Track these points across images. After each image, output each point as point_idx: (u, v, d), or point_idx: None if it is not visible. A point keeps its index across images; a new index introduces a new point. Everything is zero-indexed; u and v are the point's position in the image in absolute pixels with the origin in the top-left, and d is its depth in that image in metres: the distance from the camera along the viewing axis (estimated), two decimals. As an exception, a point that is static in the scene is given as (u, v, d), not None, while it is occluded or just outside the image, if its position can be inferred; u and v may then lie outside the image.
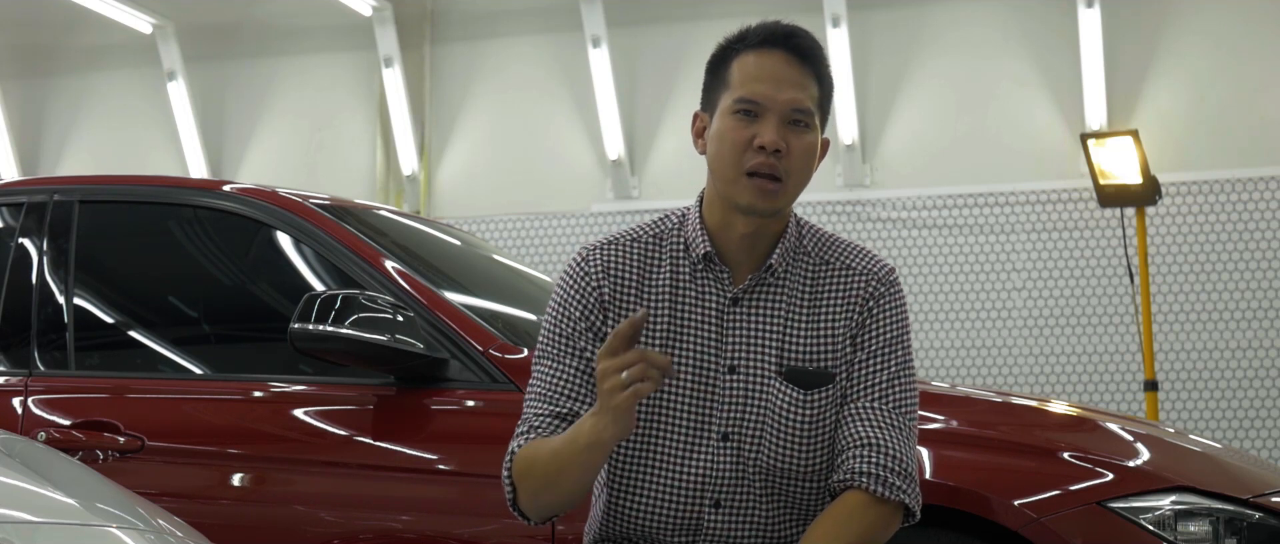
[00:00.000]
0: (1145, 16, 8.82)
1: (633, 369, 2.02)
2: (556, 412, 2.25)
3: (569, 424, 2.23)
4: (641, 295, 2.30)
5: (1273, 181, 8.57)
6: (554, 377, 2.28)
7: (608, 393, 2.04)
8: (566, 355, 2.28)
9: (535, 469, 2.19)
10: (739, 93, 2.24)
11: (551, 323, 2.32)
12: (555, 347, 2.30)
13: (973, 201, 8.97)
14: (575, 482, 2.17)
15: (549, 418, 2.25)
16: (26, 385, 3.37)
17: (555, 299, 2.33)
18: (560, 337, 2.30)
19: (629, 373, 2.02)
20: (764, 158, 2.21)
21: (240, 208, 3.49)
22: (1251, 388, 8.50)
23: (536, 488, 2.20)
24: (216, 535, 2.30)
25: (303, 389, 3.27)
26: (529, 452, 2.21)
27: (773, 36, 2.27)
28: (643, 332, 2.27)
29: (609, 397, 2.04)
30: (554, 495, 2.20)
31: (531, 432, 2.25)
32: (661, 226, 2.35)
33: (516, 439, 2.26)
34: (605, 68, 9.36)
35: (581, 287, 2.31)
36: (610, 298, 2.29)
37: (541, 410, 2.26)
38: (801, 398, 2.26)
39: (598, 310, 2.29)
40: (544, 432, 2.23)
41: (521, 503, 2.25)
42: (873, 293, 2.31)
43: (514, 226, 9.75)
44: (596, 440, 2.09)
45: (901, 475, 2.21)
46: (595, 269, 2.31)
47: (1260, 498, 2.87)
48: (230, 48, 10.47)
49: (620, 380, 2.02)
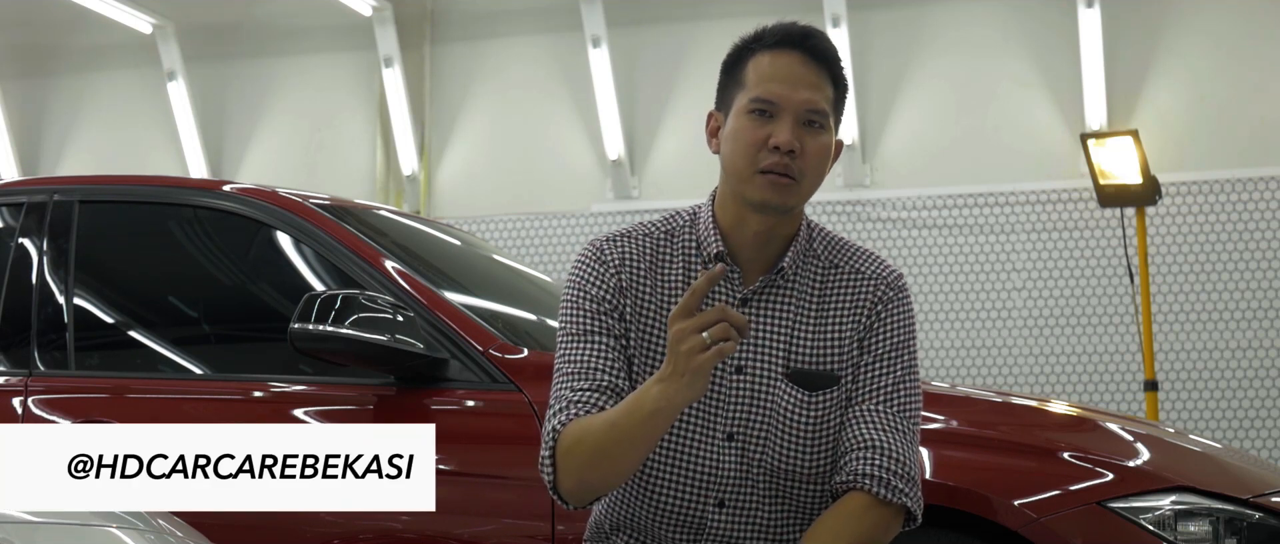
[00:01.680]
0: (1145, 16, 8.82)
1: (715, 328, 1.99)
2: (595, 384, 2.21)
3: (608, 396, 2.20)
4: (654, 288, 2.29)
5: (1273, 181, 8.57)
6: (586, 353, 2.24)
7: (686, 355, 2.00)
8: (597, 334, 2.25)
9: (585, 443, 2.14)
10: (754, 92, 2.24)
11: (574, 306, 2.29)
12: (583, 325, 2.27)
13: (973, 201, 8.97)
14: (633, 453, 2.12)
15: (589, 391, 2.21)
16: (26, 385, 3.37)
17: (574, 285, 2.31)
18: (587, 316, 2.27)
19: (711, 332, 1.99)
20: (778, 157, 2.21)
21: (240, 208, 3.49)
22: (1251, 388, 8.50)
23: (585, 463, 2.14)
24: (216, 535, 2.30)
25: (303, 389, 3.27)
26: (578, 427, 2.16)
27: (789, 37, 2.26)
28: (655, 326, 2.27)
29: (688, 358, 2.00)
30: (605, 470, 2.15)
31: (572, 407, 2.20)
32: (672, 224, 2.35)
33: (556, 417, 2.20)
34: (605, 68, 9.36)
35: (600, 271, 2.29)
36: (627, 285, 2.29)
37: (578, 386, 2.22)
38: (806, 399, 2.26)
39: (618, 294, 2.28)
40: (586, 407, 2.19)
41: (563, 484, 2.18)
42: (881, 297, 2.31)
43: (514, 226, 9.75)
44: (666, 406, 2.05)
45: (904, 478, 2.22)
46: (612, 257, 2.30)
47: (1260, 498, 2.87)
48: (230, 48, 10.47)
49: (702, 340, 1.99)
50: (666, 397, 2.04)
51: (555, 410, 2.22)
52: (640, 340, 2.27)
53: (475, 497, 3.01)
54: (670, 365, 2.03)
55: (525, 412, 3.01)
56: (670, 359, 2.03)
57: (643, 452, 2.12)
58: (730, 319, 2.00)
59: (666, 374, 2.04)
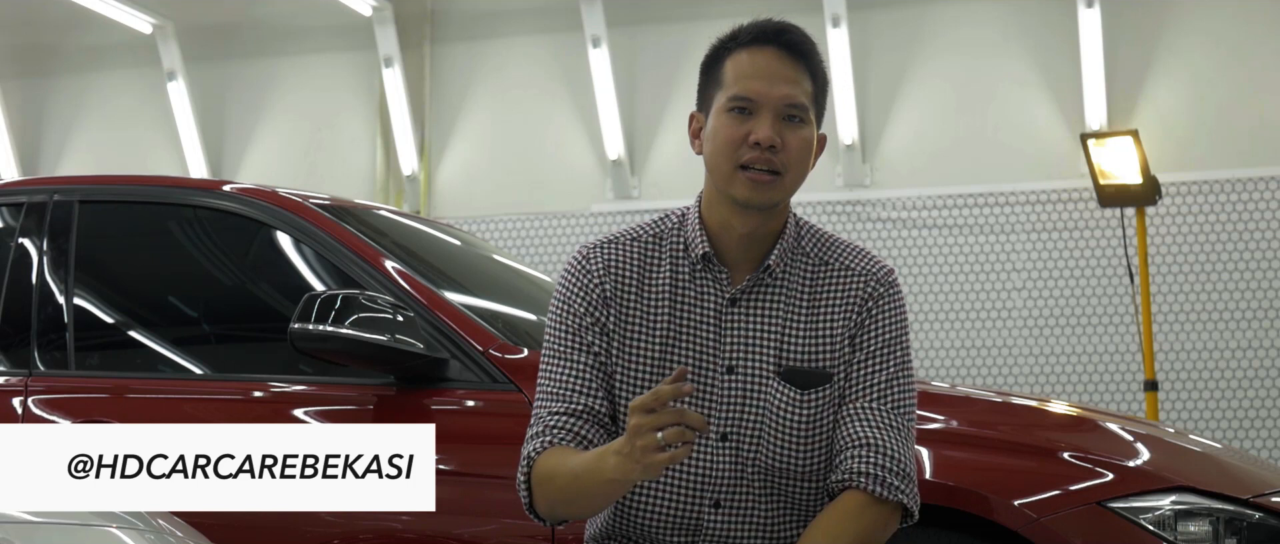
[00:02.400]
0: (1145, 16, 8.82)
1: (669, 431, 1.98)
2: (570, 409, 2.25)
3: (583, 421, 2.24)
4: (642, 294, 2.30)
5: (1273, 181, 8.57)
6: (564, 374, 2.28)
7: (640, 449, 2.00)
8: (575, 351, 2.28)
9: (555, 483, 2.19)
10: (733, 90, 2.24)
11: (557, 321, 2.32)
12: (562, 344, 2.30)
13: (973, 201, 8.97)
14: (594, 506, 2.21)
15: (563, 416, 2.25)
16: (26, 385, 3.37)
17: (558, 298, 2.33)
18: (567, 333, 2.30)
19: (666, 435, 1.98)
20: (759, 153, 2.21)
21: (240, 208, 3.49)
22: (1251, 388, 8.50)
23: (554, 500, 2.21)
24: (216, 535, 2.30)
25: (303, 389, 3.27)
26: (549, 465, 2.21)
27: (764, 34, 2.27)
28: (639, 331, 2.28)
29: (643, 453, 2.00)
30: (572, 510, 2.23)
31: (547, 433, 2.24)
32: (661, 227, 2.36)
33: (531, 443, 2.25)
34: (605, 68, 9.36)
35: (583, 283, 2.31)
36: (612, 294, 2.30)
37: (555, 408, 2.26)
38: (799, 398, 2.26)
39: (601, 306, 2.29)
40: (560, 433, 2.23)
41: (538, 507, 2.25)
42: (872, 293, 2.31)
43: (514, 226, 9.75)
44: (622, 479, 2.07)
45: (900, 476, 2.22)
46: (596, 266, 2.31)
47: (1260, 498, 2.87)
48: (230, 48, 10.47)
49: (655, 440, 1.99)
50: (622, 472, 2.05)
51: (531, 434, 2.27)
52: (624, 348, 2.29)
53: (475, 497, 3.01)
54: (627, 447, 2.02)
55: (525, 412, 2.98)
56: (628, 442, 2.02)
57: (604, 504, 2.21)
58: (687, 422, 1.99)
59: (624, 451, 2.03)
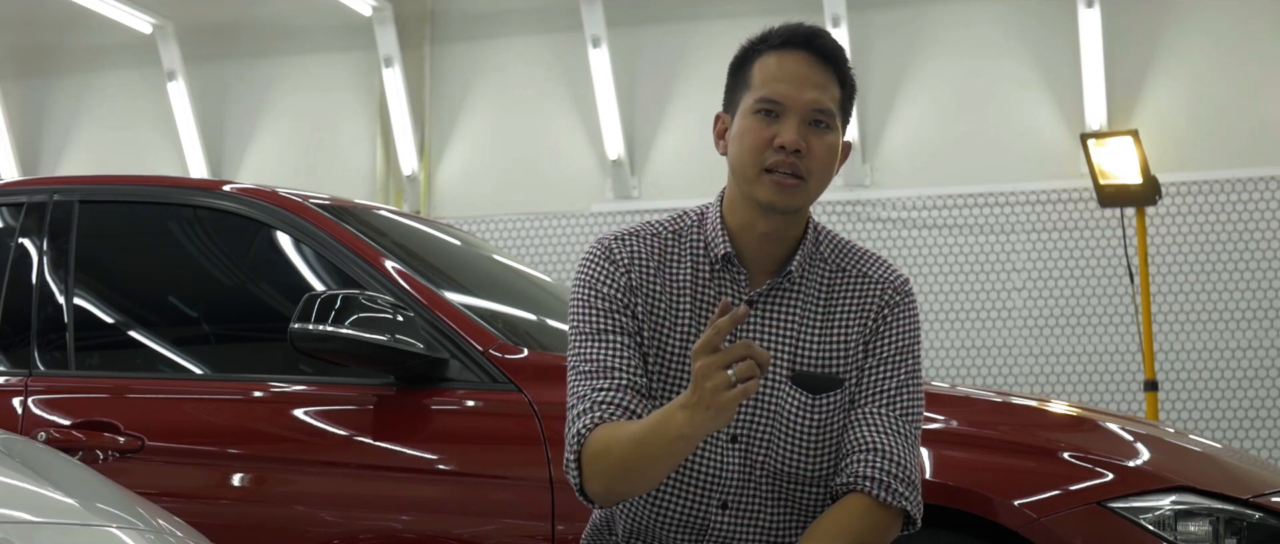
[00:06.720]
0: (1145, 16, 8.82)
1: (741, 365, 1.96)
2: (615, 383, 2.20)
3: (630, 395, 2.20)
4: (664, 289, 2.29)
5: (1273, 181, 8.57)
6: (602, 353, 2.23)
7: (711, 391, 1.97)
8: (610, 332, 2.24)
9: (612, 453, 2.13)
10: (760, 93, 2.23)
11: (586, 304, 2.27)
12: (596, 324, 2.25)
13: (973, 201, 8.97)
14: (659, 470, 2.12)
15: (609, 391, 2.19)
16: (26, 385, 3.37)
17: (583, 284, 2.29)
18: (599, 314, 2.26)
19: (737, 370, 1.96)
20: (784, 157, 2.20)
21: (240, 208, 3.48)
22: (1251, 388, 8.50)
23: (612, 474, 2.14)
24: (216, 535, 2.30)
25: (303, 389, 3.27)
26: (602, 439, 2.15)
27: (794, 37, 2.26)
28: (664, 327, 2.27)
29: (713, 394, 1.97)
30: (633, 482, 2.15)
31: (596, 408, 2.18)
32: (679, 224, 2.34)
33: (581, 419, 2.19)
34: (605, 68, 9.36)
35: (610, 270, 2.28)
36: (637, 283, 2.28)
37: (599, 385, 2.20)
38: (810, 402, 2.26)
39: (629, 292, 2.27)
40: (609, 408, 2.18)
41: (590, 487, 2.18)
42: (887, 301, 2.31)
43: (514, 226, 9.75)
44: (692, 433, 2.03)
45: (904, 482, 2.22)
46: (621, 256, 2.29)
47: (1260, 498, 2.87)
48: (230, 48, 10.47)
49: (726, 377, 1.96)
50: (692, 425, 2.01)
51: (579, 412, 2.20)
52: (650, 342, 2.27)
53: (475, 497, 3.01)
54: (695, 396, 1.99)
55: (525, 412, 3.01)
56: (695, 391, 1.99)
57: (668, 469, 2.13)
58: (754, 356, 1.97)
59: (691, 403, 2.00)
